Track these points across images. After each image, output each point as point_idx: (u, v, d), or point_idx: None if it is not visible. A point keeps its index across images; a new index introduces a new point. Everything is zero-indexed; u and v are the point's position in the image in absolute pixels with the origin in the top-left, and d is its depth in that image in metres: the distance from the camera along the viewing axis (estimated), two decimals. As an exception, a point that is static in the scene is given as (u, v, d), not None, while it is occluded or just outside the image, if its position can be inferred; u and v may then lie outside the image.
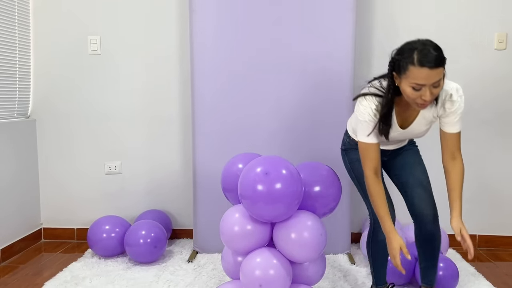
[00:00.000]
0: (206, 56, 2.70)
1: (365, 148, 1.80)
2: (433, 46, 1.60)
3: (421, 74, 1.58)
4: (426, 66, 1.57)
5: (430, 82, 1.59)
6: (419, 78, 1.59)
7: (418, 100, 1.65)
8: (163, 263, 2.69)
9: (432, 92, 1.62)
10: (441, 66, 1.59)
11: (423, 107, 1.69)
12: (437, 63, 1.57)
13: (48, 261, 2.78)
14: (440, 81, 1.62)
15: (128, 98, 3.07)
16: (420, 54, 1.58)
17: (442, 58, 1.60)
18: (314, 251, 1.78)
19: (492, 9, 2.90)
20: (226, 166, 2.04)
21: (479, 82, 2.95)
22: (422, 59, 1.57)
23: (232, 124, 2.73)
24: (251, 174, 1.72)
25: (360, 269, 2.60)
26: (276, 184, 1.68)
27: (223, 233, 1.84)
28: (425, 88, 1.61)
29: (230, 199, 2.03)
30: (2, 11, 2.76)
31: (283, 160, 1.77)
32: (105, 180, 3.12)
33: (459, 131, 1.82)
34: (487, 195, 3.02)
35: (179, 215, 3.13)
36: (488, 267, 2.70)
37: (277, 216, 1.74)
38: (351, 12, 2.61)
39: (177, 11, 2.98)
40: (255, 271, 1.74)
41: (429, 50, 1.58)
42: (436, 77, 1.59)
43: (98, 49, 3.04)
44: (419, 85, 1.60)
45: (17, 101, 2.96)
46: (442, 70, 1.61)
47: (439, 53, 1.60)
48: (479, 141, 2.98)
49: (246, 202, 1.73)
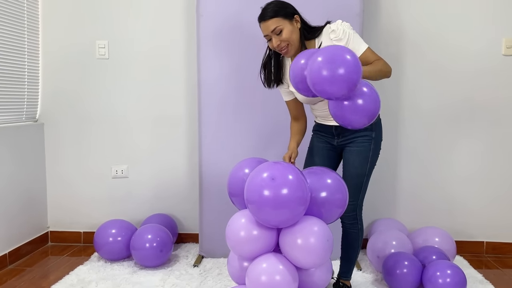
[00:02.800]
0: (213, 60, 2.72)
1: (286, 104, 2.22)
2: (270, 4, 1.98)
3: (262, 27, 1.99)
4: (261, 20, 1.97)
5: (269, 31, 1.96)
6: (262, 31, 2.00)
7: (276, 48, 1.99)
8: (169, 267, 2.69)
9: (279, 39, 1.95)
10: (274, 17, 1.93)
11: (285, 54, 2.00)
12: (269, 15, 1.94)
13: (55, 264, 2.79)
14: (279, 28, 1.94)
15: (135, 102, 3.08)
16: (260, 13, 1.98)
17: (274, 10, 1.94)
18: (321, 257, 1.77)
19: (499, 15, 2.89)
20: (232, 171, 2.04)
21: (487, 87, 2.93)
22: (259, 16, 1.98)
23: (238, 129, 2.74)
24: (258, 179, 1.71)
25: (366, 275, 2.58)
26: (283, 190, 1.67)
27: (229, 238, 1.83)
28: (272, 37, 1.96)
29: (236, 204, 2.02)
30: (11, 16, 2.80)
31: (290, 166, 1.76)
32: (112, 184, 3.14)
33: (366, 47, 1.98)
34: (495, 202, 2.99)
35: (185, 219, 3.14)
36: (496, 274, 2.68)
37: (283, 222, 1.74)
38: (358, 17, 2.61)
39: (184, 16, 3.00)
40: (261, 277, 1.73)
41: (265, 7, 1.98)
42: (272, 26, 1.94)
43: (106, 53, 3.06)
44: (266, 36, 1.99)
45: (25, 105, 2.99)
46: (279, 20, 1.93)
47: (272, 7, 1.95)
48: (486, 145, 2.96)
49: (252, 207, 1.73)
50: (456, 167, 2.99)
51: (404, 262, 2.29)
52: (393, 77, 2.93)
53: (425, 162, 3.01)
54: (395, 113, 2.99)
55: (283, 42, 1.96)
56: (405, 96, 2.97)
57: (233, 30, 2.66)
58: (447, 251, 2.54)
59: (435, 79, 2.96)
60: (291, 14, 1.97)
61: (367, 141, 2.08)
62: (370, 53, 1.98)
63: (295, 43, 1.98)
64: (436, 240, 2.59)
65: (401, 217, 3.04)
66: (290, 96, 2.18)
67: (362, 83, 1.75)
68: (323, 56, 1.67)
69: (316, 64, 1.67)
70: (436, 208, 3.02)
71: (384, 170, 3.02)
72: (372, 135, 2.09)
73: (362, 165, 2.09)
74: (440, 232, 2.65)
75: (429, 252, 2.42)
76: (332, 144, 2.17)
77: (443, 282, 2.16)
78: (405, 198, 3.05)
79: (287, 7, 1.98)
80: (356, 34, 1.99)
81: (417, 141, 3.00)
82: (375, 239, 2.60)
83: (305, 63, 1.77)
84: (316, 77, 1.67)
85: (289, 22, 1.96)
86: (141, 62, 3.06)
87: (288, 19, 1.96)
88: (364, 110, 1.73)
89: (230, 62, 2.70)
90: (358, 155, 2.08)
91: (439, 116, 2.97)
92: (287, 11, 1.97)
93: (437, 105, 2.97)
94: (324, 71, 1.64)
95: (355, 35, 1.97)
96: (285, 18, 1.95)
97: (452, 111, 2.96)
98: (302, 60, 1.79)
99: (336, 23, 1.99)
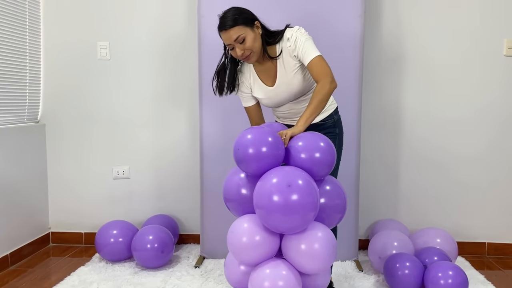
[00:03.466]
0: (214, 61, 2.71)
1: (246, 111, 2.18)
2: (228, 11, 1.93)
3: (223, 37, 1.94)
4: (222, 29, 1.92)
5: (231, 41, 1.91)
6: (224, 40, 1.95)
7: (239, 57, 1.95)
8: (170, 268, 2.69)
9: (242, 47, 1.91)
10: (235, 26, 1.88)
11: (248, 60, 1.97)
12: (229, 24, 1.89)
13: (56, 265, 2.80)
14: (241, 37, 1.90)
15: (137, 103, 3.09)
16: (219, 22, 1.93)
17: (235, 19, 1.89)
18: (325, 262, 1.74)
19: (500, 15, 2.88)
20: (228, 176, 2.01)
21: (488, 89, 2.93)
22: (219, 26, 1.93)
23: (239, 130, 2.73)
24: (267, 185, 1.67)
25: (368, 276, 2.58)
26: (293, 195, 1.63)
27: (231, 245, 1.79)
28: (235, 46, 1.92)
29: (232, 210, 1.97)
30: (13, 17, 2.80)
31: (298, 170, 1.74)
32: (113, 184, 3.14)
33: (314, 57, 1.92)
34: (497, 203, 2.99)
35: (186, 220, 3.14)
36: (498, 275, 2.68)
37: (293, 228, 1.70)
38: (359, 19, 2.61)
39: (185, 17, 3.00)
40: (264, 283, 1.71)
41: (223, 16, 1.92)
42: (234, 35, 1.89)
43: (107, 54, 3.06)
44: (229, 45, 1.94)
45: (27, 106, 2.99)
46: (240, 28, 1.89)
47: (232, 15, 1.90)
48: (489, 147, 2.96)
49: (261, 213, 1.69)
50: (458, 168, 2.99)
51: (405, 263, 2.29)
52: (394, 79, 2.95)
53: (426, 163, 3.00)
54: (396, 114, 2.98)
55: (247, 51, 1.93)
56: (406, 97, 2.97)
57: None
58: (448, 252, 2.53)
59: (436, 80, 2.95)
60: (251, 21, 1.94)
61: (332, 137, 2.11)
62: (317, 63, 1.92)
63: (258, 50, 1.96)
64: (437, 241, 2.59)
65: (402, 218, 3.03)
66: (251, 102, 2.14)
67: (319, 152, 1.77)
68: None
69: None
70: (437, 209, 3.02)
71: (385, 171, 3.02)
72: (336, 131, 2.13)
73: None
74: (441, 233, 2.65)
75: (430, 253, 2.41)
76: None
77: (444, 283, 2.15)
78: (407, 199, 3.04)
79: (246, 13, 1.95)
80: (310, 40, 1.95)
81: (418, 142, 2.99)
82: (377, 240, 2.59)
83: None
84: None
85: (251, 29, 1.93)
86: (142, 63, 3.06)
87: (249, 26, 1.92)
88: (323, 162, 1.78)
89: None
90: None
91: (440, 117, 2.97)
92: (247, 18, 1.93)
93: (439, 106, 2.96)
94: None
95: (307, 42, 1.94)
96: (246, 25, 1.91)
97: (453, 112, 2.96)
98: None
99: (292, 29, 1.98)
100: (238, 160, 1.78)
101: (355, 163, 2.70)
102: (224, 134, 2.75)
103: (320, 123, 2.12)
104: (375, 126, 2.99)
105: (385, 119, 3.00)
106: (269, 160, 1.74)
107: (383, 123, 3.00)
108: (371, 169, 3.01)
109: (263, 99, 2.10)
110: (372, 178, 3.02)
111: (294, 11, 2.63)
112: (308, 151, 1.76)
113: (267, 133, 1.77)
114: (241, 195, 1.86)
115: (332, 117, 2.14)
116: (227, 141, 2.73)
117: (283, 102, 2.09)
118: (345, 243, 2.73)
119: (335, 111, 2.17)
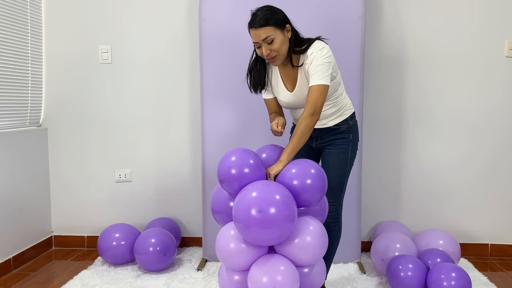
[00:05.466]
0: (215, 64, 2.72)
1: (265, 102, 2.19)
2: (261, 9, 1.92)
3: (252, 34, 1.92)
4: (252, 27, 1.91)
5: (259, 40, 1.90)
6: (252, 37, 1.94)
7: (264, 56, 1.94)
8: (173, 271, 2.69)
9: (269, 48, 1.91)
10: (266, 26, 1.88)
11: (273, 62, 1.98)
12: (260, 23, 1.88)
13: (59, 268, 2.80)
14: (270, 38, 1.89)
15: (138, 106, 3.09)
16: (250, 18, 1.92)
17: (266, 18, 1.88)
18: (317, 253, 1.81)
19: (502, 16, 2.88)
20: (216, 189, 2.03)
21: (490, 90, 2.93)
22: (250, 22, 1.92)
23: (241, 132, 2.74)
24: (245, 201, 1.73)
25: (371, 278, 2.58)
26: (270, 209, 1.68)
27: (220, 251, 1.84)
28: (262, 45, 1.91)
29: (220, 221, 2.00)
30: (15, 21, 2.81)
31: (274, 185, 1.77)
32: (115, 188, 3.14)
33: (315, 84, 1.90)
34: (500, 204, 2.98)
35: (189, 223, 3.14)
36: (501, 276, 2.67)
37: (271, 240, 1.75)
38: (360, 20, 2.61)
39: (186, 20, 3.01)
40: (263, 278, 1.74)
41: (255, 13, 1.91)
42: (263, 35, 1.89)
43: (109, 58, 3.07)
44: (256, 43, 1.93)
45: (29, 110, 3.00)
46: (270, 29, 1.88)
47: (264, 14, 1.89)
48: (491, 148, 2.96)
49: (240, 226, 1.74)
50: (461, 170, 2.98)
51: (408, 265, 2.28)
52: (396, 80, 2.95)
53: (429, 164, 3.00)
54: (398, 116, 2.98)
55: (273, 52, 1.92)
56: (408, 99, 2.97)
57: (235, 34, 2.66)
58: (451, 253, 2.53)
59: (438, 82, 2.95)
60: (283, 23, 1.92)
61: (345, 143, 2.10)
62: (314, 90, 1.89)
63: (284, 54, 1.95)
64: (440, 243, 2.58)
65: (405, 219, 3.03)
66: (271, 95, 2.16)
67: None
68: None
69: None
70: (440, 211, 3.01)
71: (387, 173, 3.02)
72: (349, 137, 2.12)
73: (342, 167, 2.11)
74: (444, 234, 2.65)
75: (433, 255, 2.41)
76: (310, 146, 2.17)
77: (447, 285, 2.14)
78: (409, 200, 3.04)
79: (279, 15, 1.92)
80: (324, 66, 1.89)
81: (420, 144, 2.99)
82: (379, 242, 2.59)
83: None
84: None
85: (281, 32, 1.91)
86: (143, 67, 3.07)
87: (280, 28, 1.91)
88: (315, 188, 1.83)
89: (232, 65, 2.70)
90: (338, 157, 2.10)
91: (442, 119, 2.96)
92: (279, 20, 1.91)
93: (441, 108, 2.96)
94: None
95: (320, 67, 1.89)
96: (276, 27, 1.89)
97: (455, 113, 2.95)
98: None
99: (317, 46, 1.94)
100: (220, 180, 1.87)
101: (357, 165, 2.70)
102: (227, 137, 2.75)
103: (333, 127, 2.10)
104: (377, 127, 2.99)
105: (386, 120, 3.00)
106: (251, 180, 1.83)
107: (384, 125, 3.00)
108: (373, 171, 3.01)
109: (281, 101, 2.11)
110: (374, 180, 3.02)
111: (296, 12, 2.63)
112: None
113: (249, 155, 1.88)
114: (229, 207, 1.90)
115: (347, 122, 2.11)
116: (230, 144, 2.73)
117: (300, 106, 2.08)
118: (347, 245, 2.72)
119: (351, 117, 2.14)
